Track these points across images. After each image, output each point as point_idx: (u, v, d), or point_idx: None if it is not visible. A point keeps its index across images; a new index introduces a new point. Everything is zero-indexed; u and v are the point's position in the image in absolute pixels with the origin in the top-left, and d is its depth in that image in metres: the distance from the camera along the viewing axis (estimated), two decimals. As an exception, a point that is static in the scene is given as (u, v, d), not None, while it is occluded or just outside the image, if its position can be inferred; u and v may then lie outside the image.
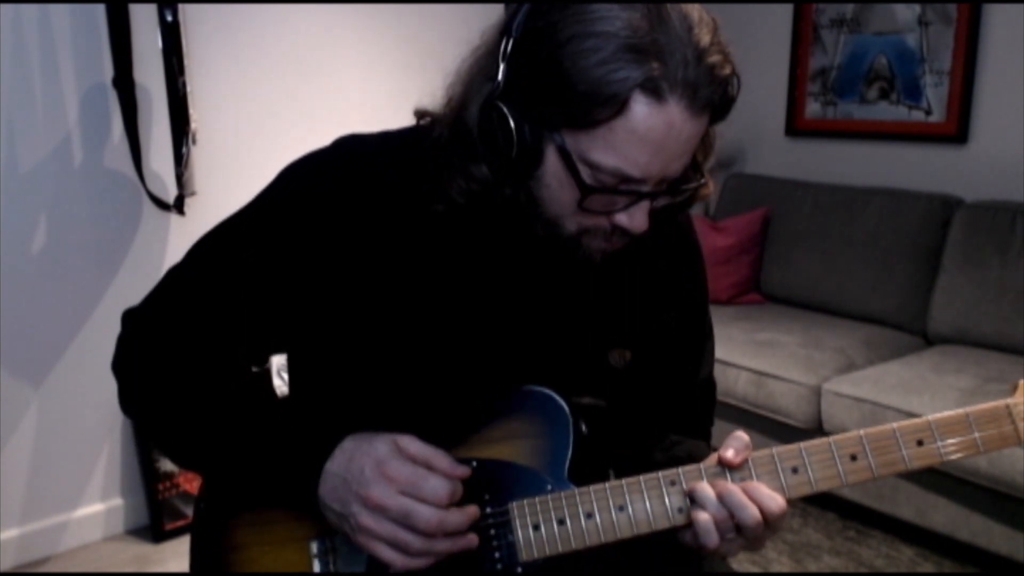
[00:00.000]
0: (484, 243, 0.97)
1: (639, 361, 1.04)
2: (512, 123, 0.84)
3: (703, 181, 0.92)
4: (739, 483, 0.89)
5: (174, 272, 1.01)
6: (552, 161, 0.85)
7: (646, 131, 0.81)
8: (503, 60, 0.85)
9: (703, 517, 0.88)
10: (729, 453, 0.90)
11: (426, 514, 0.83)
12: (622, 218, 0.88)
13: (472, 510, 0.87)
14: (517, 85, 0.84)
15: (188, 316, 0.97)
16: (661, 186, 0.87)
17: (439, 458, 0.87)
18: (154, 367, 0.97)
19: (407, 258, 0.95)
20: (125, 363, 1.01)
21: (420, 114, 0.99)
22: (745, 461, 0.91)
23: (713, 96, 0.82)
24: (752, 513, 0.87)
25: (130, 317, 1.02)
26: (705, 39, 0.80)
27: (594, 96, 0.79)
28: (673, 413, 1.12)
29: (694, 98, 0.80)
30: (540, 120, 0.84)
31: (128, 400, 1.01)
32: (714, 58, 0.81)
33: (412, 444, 0.87)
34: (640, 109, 0.80)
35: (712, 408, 1.17)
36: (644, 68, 0.78)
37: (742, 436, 0.92)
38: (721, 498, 0.88)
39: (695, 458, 0.95)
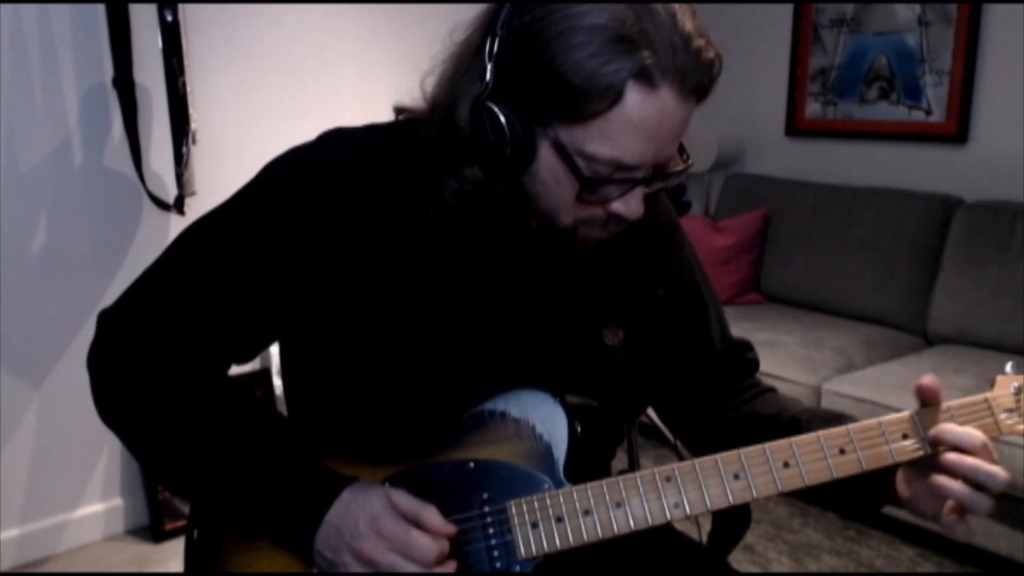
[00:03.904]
0: (475, 232, 0.97)
1: (632, 339, 1.05)
2: (504, 122, 0.84)
3: (690, 162, 0.93)
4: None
5: (153, 271, 0.99)
6: (546, 156, 0.86)
7: (641, 119, 0.82)
8: (490, 60, 0.85)
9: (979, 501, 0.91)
10: (927, 380, 0.93)
11: (412, 573, 0.86)
12: (618, 206, 0.89)
13: (453, 565, 0.88)
14: (506, 84, 0.85)
15: (172, 316, 0.95)
16: (656, 170, 0.89)
17: (430, 515, 0.88)
18: (139, 378, 0.95)
19: (398, 249, 0.95)
20: (103, 372, 0.98)
21: (399, 110, 1.00)
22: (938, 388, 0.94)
23: (701, 79, 0.84)
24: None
25: (107, 319, 0.99)
26: (688, 24, 0.82)
27: (588, 89, 0.80)
28: (706, 382, 1.12)
29: (684, 83, 0.82)
30: (532, 117, 0.84)
31: (109, 413, 0.98)
32: (698, 42, 0.82)
33: (403, 499, 0.89)
34: (635, 98, 0.81)
35: (753, 366, 1.16)
36: (636, 58, 0.79)
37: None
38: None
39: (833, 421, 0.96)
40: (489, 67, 0.85)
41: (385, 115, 1.05)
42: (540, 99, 0.83)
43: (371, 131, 1.00)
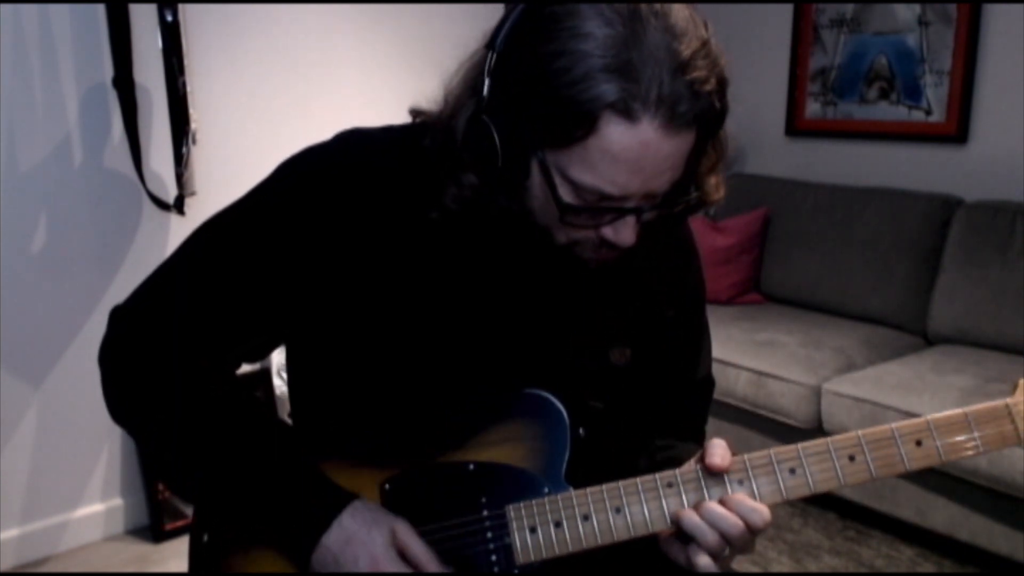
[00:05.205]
0: (485, 242, 0.97)
1: (639, 359, 1.04)
2: (496, 138, 0.84)
3: (696, 194, 0.90)
4: (721, 497, 0.89)
5: (166, 268, 0.99)
6: (537, 175, 0.85)
7: (620, 151, 0.80)
8: (488, 75, 0.85)
9: (703, 561, 0.88)
10: (716, 460, 0.90)
11: None
12: (608, 232, 0.87)
13: None
14: (501, 99, 0.84)
15: (184, 314, 0.95)
16: (650, 200, 0.86)
17: (429, 563, 0.89)
18: (146, 376, 0.96)
19: (409, 255, 0.95)
20: (113, 369, 0.98)
21: (415, 113, 0.99)
22: (731, 463, 0.90)
23: (692, 111, 0.79)
24: (742, 531, 0.87)
25: (119, 316, 1.00)
26: (686, 52, 0.78)
27: (567, 115, 0.79)
28: (671, 412, 1.12)
29: (671, 116, 0.78)
30: (523, 135, 0.83)
31: (117, 410, 0.99)
32: (696, 72, 0.78)
33: (407, 537, 0.89)
34: (612, 129, 0.79)
35: (708, 408, 1.17)
36: (615, 88, 0.77)
37: (720, 442, 0.91)
38: (712, 524, 0.87)
39: (680, 462, 0.95)
40: (487, 82, 0.85)
41: (385, 115, 1.05)
42: (530, 119, 0.82)
43: (387, 132, 1.00)
